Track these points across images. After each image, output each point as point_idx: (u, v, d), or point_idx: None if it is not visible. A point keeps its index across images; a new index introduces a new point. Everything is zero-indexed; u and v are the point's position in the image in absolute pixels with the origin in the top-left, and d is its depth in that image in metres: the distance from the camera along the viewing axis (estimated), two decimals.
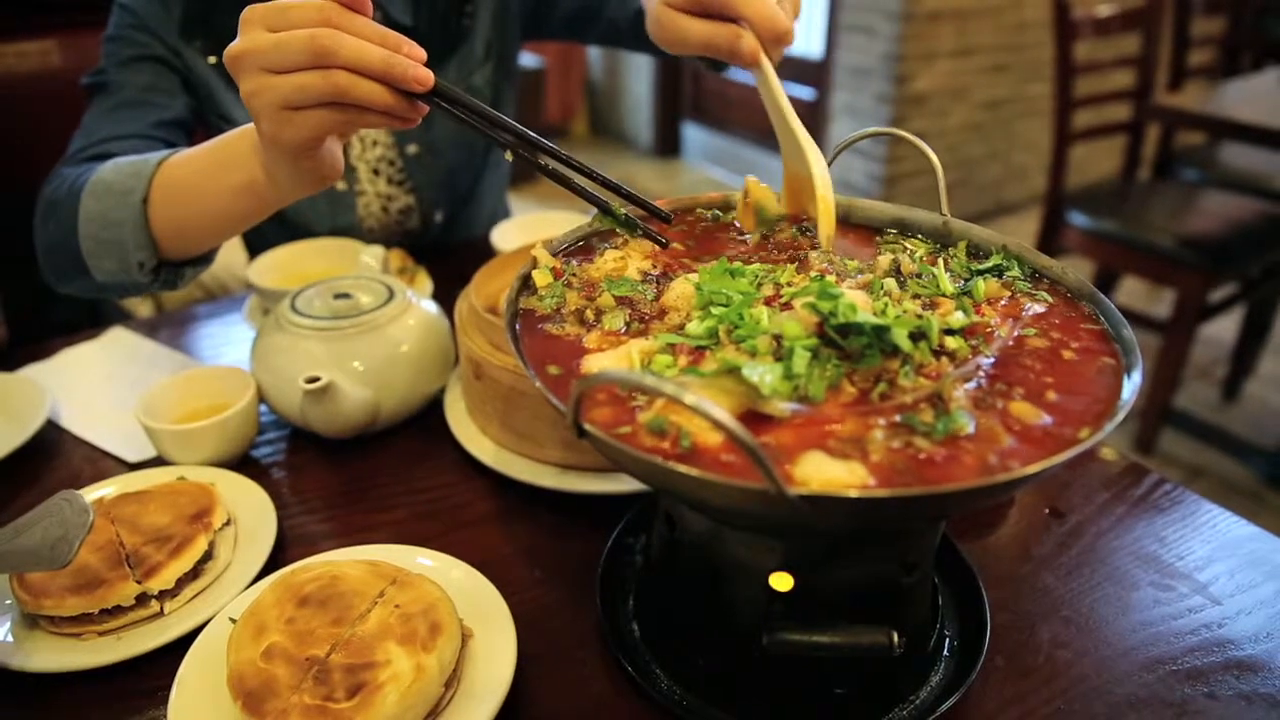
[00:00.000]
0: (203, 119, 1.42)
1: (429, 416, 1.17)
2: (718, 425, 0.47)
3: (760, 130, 5.53)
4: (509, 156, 0.86)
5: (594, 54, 6.53)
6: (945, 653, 0.82)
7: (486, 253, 1.54)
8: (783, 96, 0.90)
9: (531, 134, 0.85)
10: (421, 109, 0.82)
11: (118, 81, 1.28)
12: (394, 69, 0.77)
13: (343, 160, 0.91)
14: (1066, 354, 0.70)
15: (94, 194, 1.03)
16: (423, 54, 0.79)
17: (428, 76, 0.79)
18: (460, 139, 1.64)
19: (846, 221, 0.95)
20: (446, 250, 1.72)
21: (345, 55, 0.75)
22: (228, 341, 1.43)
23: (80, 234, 1.04)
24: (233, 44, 0.79)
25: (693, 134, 6.18)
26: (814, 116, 4.99)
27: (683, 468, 0.53)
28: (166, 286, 1.07)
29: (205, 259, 1.10)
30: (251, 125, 0.90)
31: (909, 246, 0.89)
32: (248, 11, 0.79)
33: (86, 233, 1.03)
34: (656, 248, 0.86)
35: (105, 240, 1.02)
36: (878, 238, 0.92)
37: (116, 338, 1.39)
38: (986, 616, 0.84)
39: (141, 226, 1.00)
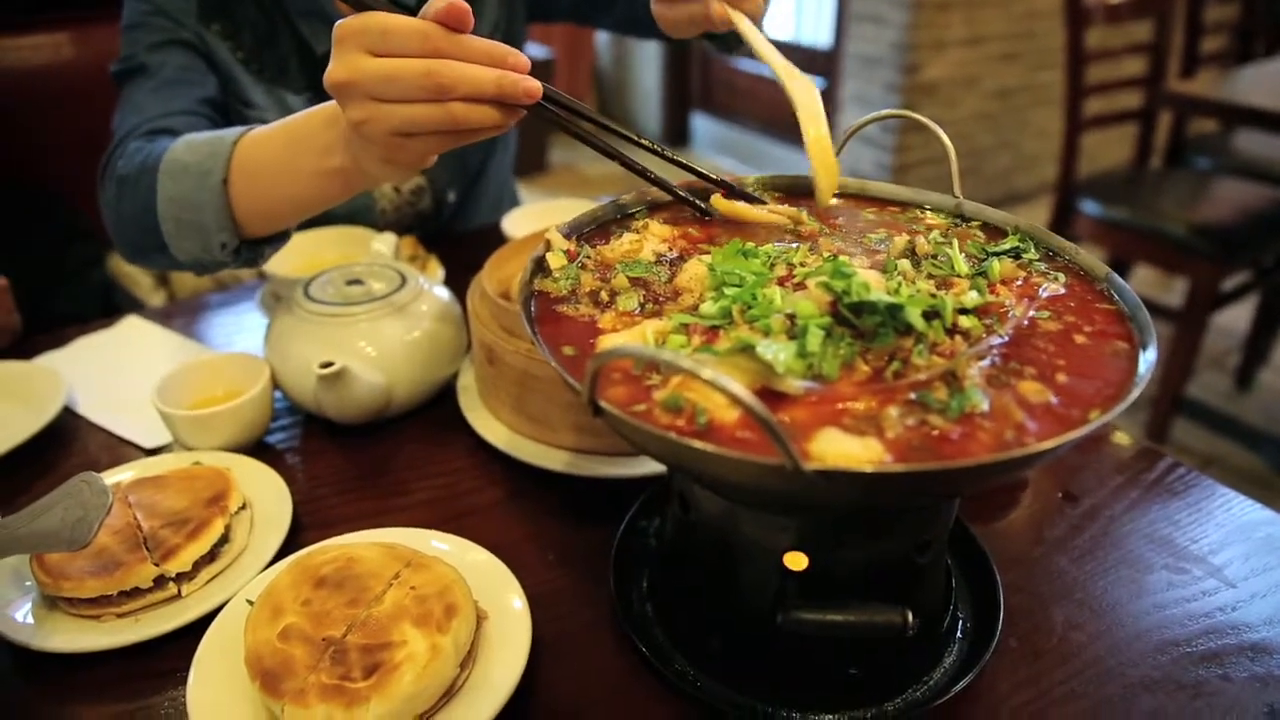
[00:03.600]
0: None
1: (442, 402, 1.17)
2: (734, 399, 0.47)
3: (769, 119, 5.52)
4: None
5: (602, 44, 6.52)
6: (959, 634, 0.82)
7: (497, 240, 1.54)
8: (769, 49, 0.92)
9: (626, 131, 0.89)
10: (519, 114, 0.80)
11: (156, 62, 1.29)
12: (506, 90, 0.76)
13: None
14: (1079, 338, 0.70)
15: (170, 174, 1.02)
16: (527, 62, 0.78)
17: (537, 88, 0.77)
18: None
19: (862, 196, 0.96)
20: (457, 237, 1.72)
21: (462, 88, 0.74)
22: (240, 329, 1.43)
23: (160, 214, 1.04)
24: (334, 69, 0.77)
25: (701, 124, 6.17)
26: (823, 106, 4.97)
27: (699, 444, 0.53)
28: (247, 264, 1.07)
29: (285, 235, 1.10)
30: (334, 107, 0.89)
31: (926, 221, 0.89)
32: (340, 29, 0.77)
33: (166, 213, 1.03)
34: (673, 231, 0.86)
35: (186, 222, 1.02)
36: (898, 209, 0.93)
37: (131, 326, 1.40)
38: (1000, 598, 0.83)
39: (223, 209, 1.00)
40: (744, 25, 0.94)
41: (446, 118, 0.76)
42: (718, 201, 0.90)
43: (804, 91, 0.89)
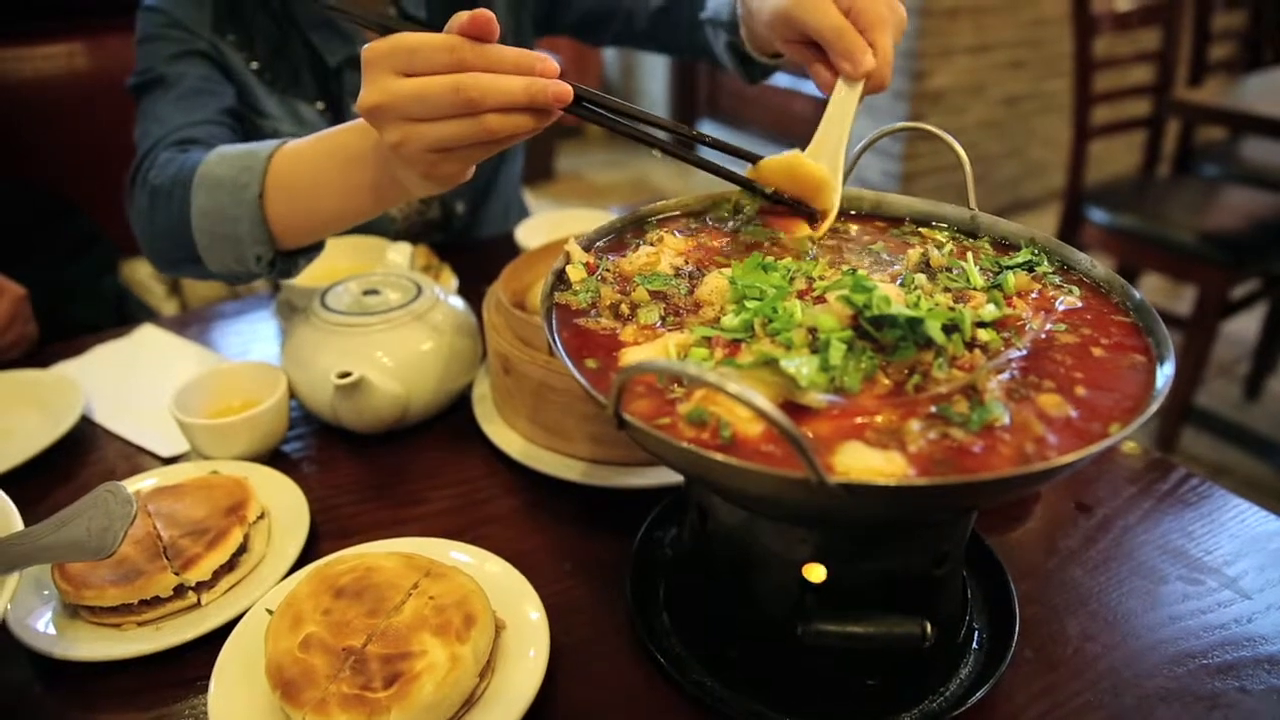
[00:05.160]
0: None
1: (457, 412, 1.18)
2: (760, 414, 0.48)
3: (775, 127, 5.52)
4: (656, 154, 0.86)
5: (609, 54, 6.54)
6: (975, 645, 0.82)
7: (511, 250, 1.55)
8: (850, 125, 0.91)
9: (668, 121, 0.86)
10: (552, 117, 0.81)
11: (175, 73, 1.29)
12: (536, 97, 0.76)
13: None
14: (1096, 350, 0.70)
15: (204, 188, 1.03)
16: (556, 67, 0.78)
17: (567, 92, 0.77)
18: None
19: (876, 214, 0.96)
20: (470, 247, 1.73)
21: (492, 100, 0.75)
22: (256, 338, 1.44)
23: (194, 227, 1.04)
24: (365, 94, 0.78)
25: (708, 131, 6.16)
26: None
27: (725, 458, 0.53)
28: (281, 276, 1.08)
29: (319, 246, 1.10)
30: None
31: (933, 239, 0.89)
32: (369, 52, 0.77)
33: (201, 226, 1.04)
34: (691, 244, 0.86)
35: (221, 235, 1.03)
36: (893, 229, 0.93)
37: (147, 334, 1.41)
38: (1015, 610, 0.84)
39: (259, 222, 1.00)
40: (855, 97, 0.90)
41: (481, 131, 0.76)
42: (763, 165, 0.89)
43: (836, 204, 0.91)
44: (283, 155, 1.00)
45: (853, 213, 0.97)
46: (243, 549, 0.91)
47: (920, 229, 0.93)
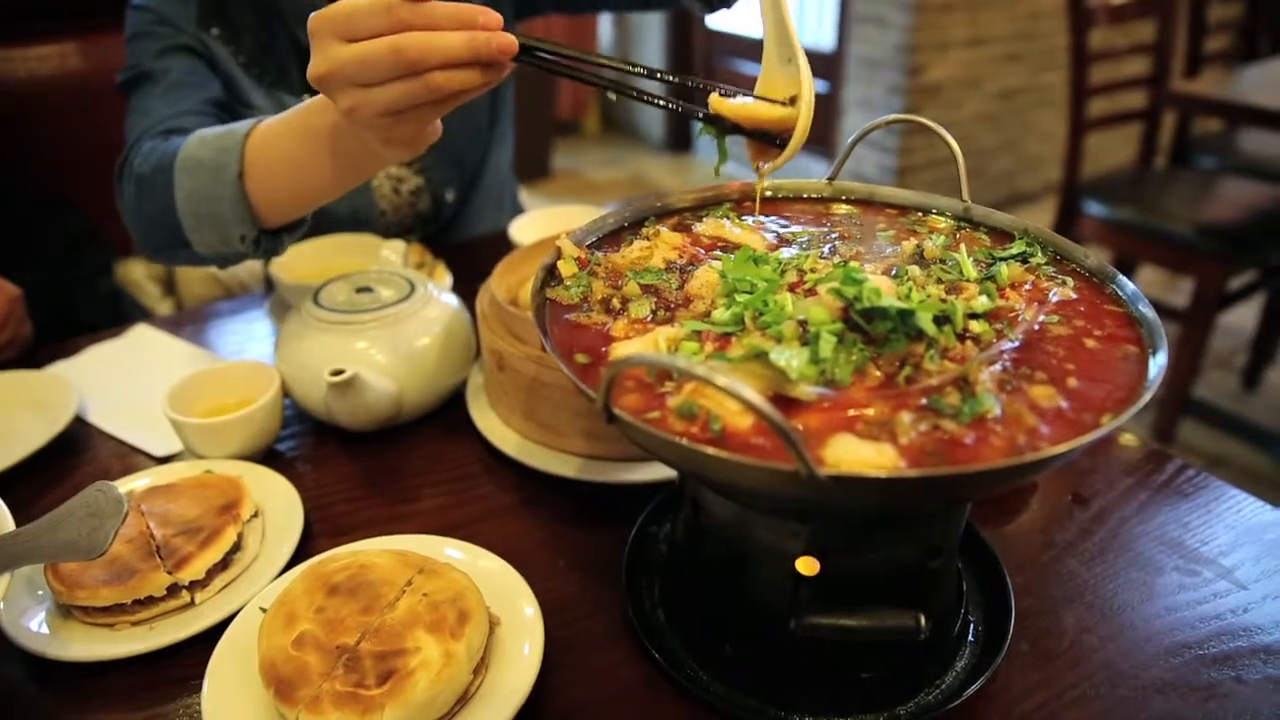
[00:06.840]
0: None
1: (451, 408, 1.18)
2: (749, 406, 0.47)
3: None
4: (613, 97, 0.86)
5: (605, 48, 6.53)
6: (970, 638, 0.82)
7: (505, 246, 1.54)
8: (789, 19, 0.88)
9: (619, 61, 0.86)
10: (503, 69, 0.81)
11: (161, 68, 1.31)
12: (479, 51, 0.77)
13: (440, 123, 0.90)
14: (1089, 342, 0.70)
15: (186, 170, 1.04)
16: (498, 18, 0.78)
17: (511, 44, 0.78)
18: (457, 111, 1.66)
19: (870, 203, 0.96)
20: (464, 244, 1.73)
21: (433, 58, 0.75)
22: (250, 337, 1.44)
23: (179, 210, 1.06)
24: (313, 63, 0.79)
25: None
26: (826, 109, 4.97)
27: (713, 450, 0.53)
28: (268, 254, 1.09)
29: (302, 223, 1.11)
30: None
31: (931, 225, 0.89)
32: (313, 22, 0.78)
33: (185, 209, 1.05)
34: (685, 239, 0.86)
35: (205, 216, 1.04)
36: (900, 217, 0.93)
37: (141, 334, 1.41)
38: (1011, 602, 0.84)
39: (240, 201, 1.01)
40: None
41: (427, 90, 0.77)
42: (716, 102, 0.88)
43: (809, 83, 0.87)
44: (258, 133, 1.01)
45: (845, 199, 0.97)
46: (236, 548, 0.91)
47: (927, 215, 0.93)
